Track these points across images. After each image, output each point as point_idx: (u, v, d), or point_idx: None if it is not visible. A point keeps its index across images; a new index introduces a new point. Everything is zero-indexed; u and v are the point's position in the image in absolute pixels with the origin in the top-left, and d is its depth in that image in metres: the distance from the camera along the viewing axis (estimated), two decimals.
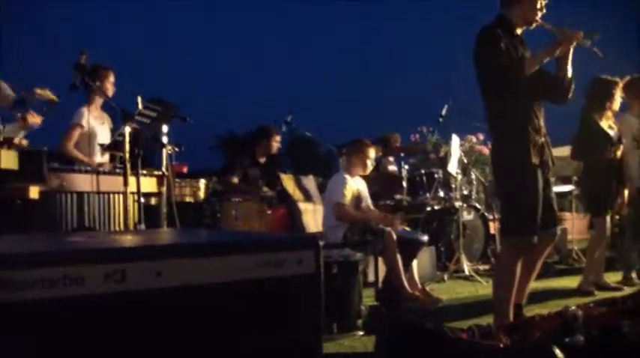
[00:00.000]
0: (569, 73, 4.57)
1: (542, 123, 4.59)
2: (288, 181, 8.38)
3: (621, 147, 7.00)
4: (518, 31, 4.60)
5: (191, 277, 2.36)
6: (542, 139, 4.55)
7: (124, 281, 2.22)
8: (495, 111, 4.57)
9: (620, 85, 7.09)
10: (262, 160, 8.69)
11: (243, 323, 2.47)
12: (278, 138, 8.91)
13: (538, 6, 4.51)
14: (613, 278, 7.39)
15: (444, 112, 9.77)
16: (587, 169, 7.19)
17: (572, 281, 7.17)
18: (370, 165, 6.85)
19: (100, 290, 2.17)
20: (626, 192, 7.16)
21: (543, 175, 4.54)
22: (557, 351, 3.13)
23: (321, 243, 2.62)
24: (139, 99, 5.99)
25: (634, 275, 7.38)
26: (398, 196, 9.03)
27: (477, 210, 9.17)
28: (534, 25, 4.56)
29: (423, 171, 9.57)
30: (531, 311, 4.87)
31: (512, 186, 4.50)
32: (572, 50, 4.50)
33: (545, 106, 4.71)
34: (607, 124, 7.02)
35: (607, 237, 7.14)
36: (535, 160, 4.45)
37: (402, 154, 9.73)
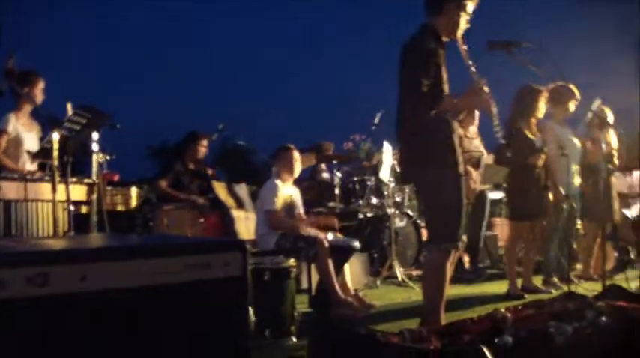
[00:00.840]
0: (459, 116, 4.85)
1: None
2: (220, 189, 8.34)
3: (543, 154, 7.11)
4: (444, 39, 4.68)
5: (117, 281, 2.33)
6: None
7: (47, 285, 2.17)
8: (419, 123, 4.57)
9: (545, 93, 7.22)
10: (191, 166, 8.55)
11: (170, 326, 2.45)
12: (205, 142, 8.71)
13: (461, 21, 4.62)
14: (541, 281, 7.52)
15: (377, 121, 9.80)
16: (510, 175, 7.32)
17: (502, 286, 7.26)
18: (297, 168, 6.83)
19: (22, 293, 2.12)
20: (551, 197, 7.27)
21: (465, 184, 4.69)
22: (486, 351, 3.17)
23: (254, 250, 2.62)
24: (69, 106, 5.90)
25: (555, 279, 7.50)
26: (331, 204, 9.05)
27: (409, 217, 9.25)
28: (456, 39, 4.66)
29: (355, 179, 9.62)
30: (463, 315, 4.92)
31: (442, 195, 4.56)
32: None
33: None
34: (531, 132, 7.14)
35: (537, 241, 7.29)
36: (461, 170, 4.58)
37: (335, 162, 9.74)
